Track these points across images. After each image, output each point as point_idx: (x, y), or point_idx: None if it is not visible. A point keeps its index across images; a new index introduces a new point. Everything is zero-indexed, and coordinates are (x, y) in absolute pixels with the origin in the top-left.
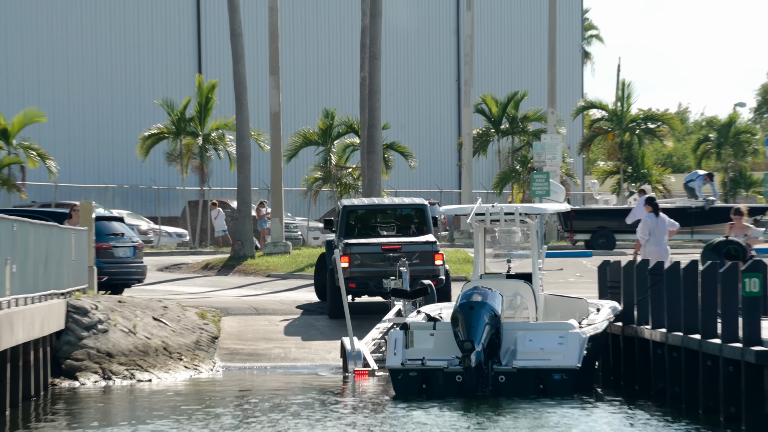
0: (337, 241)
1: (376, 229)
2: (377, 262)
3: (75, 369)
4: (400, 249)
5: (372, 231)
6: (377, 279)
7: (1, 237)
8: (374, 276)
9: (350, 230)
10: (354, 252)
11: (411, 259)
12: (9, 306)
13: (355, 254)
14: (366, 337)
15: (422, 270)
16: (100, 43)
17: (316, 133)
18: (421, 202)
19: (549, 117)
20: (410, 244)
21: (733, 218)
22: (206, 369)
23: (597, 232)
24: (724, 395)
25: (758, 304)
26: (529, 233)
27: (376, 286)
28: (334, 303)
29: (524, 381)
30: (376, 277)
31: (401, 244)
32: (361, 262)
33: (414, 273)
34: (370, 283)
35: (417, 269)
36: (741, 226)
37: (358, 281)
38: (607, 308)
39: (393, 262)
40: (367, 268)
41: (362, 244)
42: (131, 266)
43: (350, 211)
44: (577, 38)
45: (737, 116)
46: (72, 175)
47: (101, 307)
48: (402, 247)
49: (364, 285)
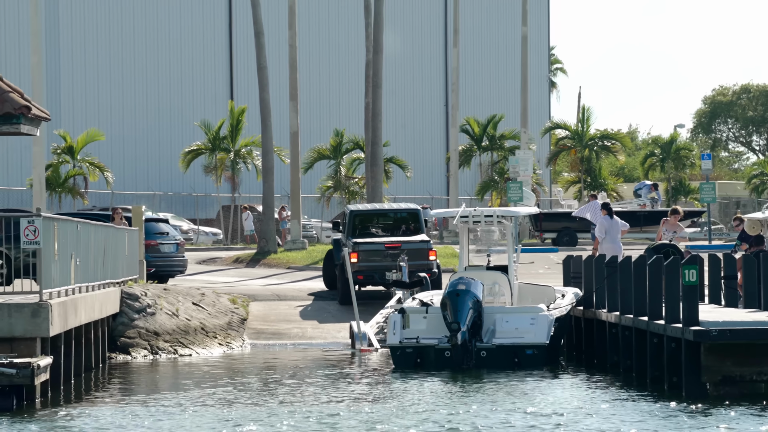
0: (345, 240)
1: (378, 230)
2: (381, 257)
3: (128, 345)
4: (400, 247)
5: (374, 231)
6: (381, 272)
7: (67, 236)
8: (379, 269)
9: (356, 230)
10: (362, 249)
11: (409, 255)
12: (74, 293)
13: (362, 251)
14: (371, 321)
15: (419, 264)
16: (150, 73)
17: (328, 149)
18: (415, 207)
19: (522, 136)
20: (409, 242)
21: (669, 217)
22: (237, 346)
23: (562, 232)
24: (668, 367)
25: (695, 292)
26: (506, 232)
27: (380, 278)
28: (345, 292)
29: (502, 356)
30: (380, 270)
31: (401, 242)
32: (368, 258)
33: (412, 267)
34: (375, 275)
35: (414, 263)
36: (673, 224)
37: (365, 273)
38: (571, 294)
39: (394, 257)
40: (372, 262)
41: (368, 242)
42: (175, 260)
43: (356, 215)
44: (545, 70)
45: (677, 135)
46: (126, 183)
47: (149, 294)
48: (402, 245)
49: (370, 277)
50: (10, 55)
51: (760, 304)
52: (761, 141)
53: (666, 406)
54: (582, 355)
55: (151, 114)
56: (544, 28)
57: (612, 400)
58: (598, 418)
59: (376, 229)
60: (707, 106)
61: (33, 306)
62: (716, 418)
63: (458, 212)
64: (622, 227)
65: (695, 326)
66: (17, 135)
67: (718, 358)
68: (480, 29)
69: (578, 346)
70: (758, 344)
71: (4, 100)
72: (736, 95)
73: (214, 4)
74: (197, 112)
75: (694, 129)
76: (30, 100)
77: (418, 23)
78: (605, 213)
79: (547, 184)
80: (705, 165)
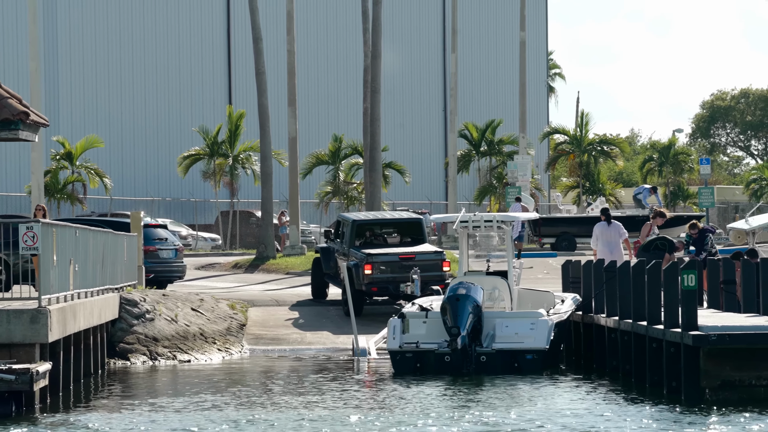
0: (347, 249)
1: (381, 239)
2: (395, 269)
3: (127, 351)
4: (414, 258)
5: (377, 241)
6: (395, 284)
7: (65, 242)
8: (392, 281)
9: (359, 240)
10: (376, 261)
11: (423, 266)
12: (72, 299)
13: (376, 263)
14: (378, 335)
15: (432, 275)
16: (148, 79)
17: (327, 154)
18: (417, 217)
19: (520, 141)
20: (423, 253)
21: (653, 219)
22: (236, 351)
23: (561, 237)
24: (667, 372)
25: (694, 297)
26: (505, 237)
27: (395, 290)
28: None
29: (502, 360)
30: (394, 282)
31: (415, 253)
32: (382, 270)
33: (425, 278)
34: (390, 287)
35: (428, 275)
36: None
37: (379, 286)
38: (570, 300)
39: (408, 269)
40: (386, 274)
41: (382, 254)
42: (173, 265)
43: (359, 224)
44: (543, 76)
45: (676, 140)
46: (124, 189)
47: (148, 300)
48: (416, 257)
49: (384, 289)
50: (8, 61)
51: (759, 308)
52: (760, 145)
53: (665, 411)
54: (581, 360)
55: (150, 119)
56: (543, 33)
57: (611, 405)
58: (598, 422)
59: (378, 239)
60: (706, 110)
61: (32, 312)
62: (715, 423)
63: (458, 217)
64: (621, 237)
65: (694, 331)
66: (16, 141)
67: (717, 363)
68: (478, 34)
69: (577, 351)
70: (757, 349)
71: (2, 106)
72: (735, 100)
73: (212, 10)
74: (196, 117)
75: (693, 134)
76: (28, 106)
77: (417, 28)
78: (603, 218)
79: (546, 189)
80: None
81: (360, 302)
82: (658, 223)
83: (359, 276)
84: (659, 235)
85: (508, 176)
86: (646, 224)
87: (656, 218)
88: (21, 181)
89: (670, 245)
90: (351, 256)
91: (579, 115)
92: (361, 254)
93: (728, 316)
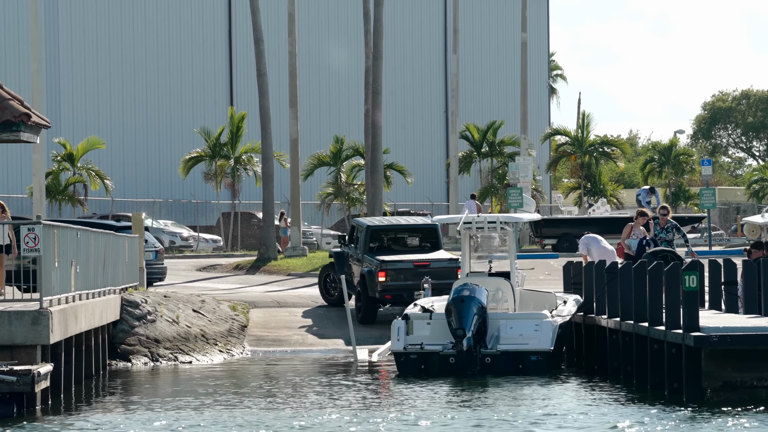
0: (361, 255)
1: (396, 246)
2: (409, 276)
3: (128, 352)
4: (429, 265)
5: (393, 247)
6: (409, 291)
7: (67, 243)
8: (406, 288)
9: (373, 246)
10: (390, 268)
11: (436, 274)
12: (74, 300)
13: (390, 270)
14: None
15: (446, 283)
16: (149, 80)
17: (328, 155)
18: (433, 223)
19: (522, 142)
20: (437, 260)
21: (637, 218)
22: (237, 352)
23: (562, 238)
24: (668, 373)
25: (696, 298)
26: (507, 238)
27: (409, 297)
28: (367, 311)
29: (506, 362)
30: (408, 290)
31: (430, 261)
32: (396, 277)
33: (439, 286)
34: (404, 295)
35: (442, 282)
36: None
37: (394, 293)
38: (572, 301)
39: (422, 276)
40: (401, 281)
41: (397, 260)
42: (154, 267)
43: (374, 229)
44: (545, 77)
45: (677, 141)
46: (126, 190)
47: (150, 301)
48: (430, 264)
49: (398, 296)
50: (9, 63)
51: (761, 309)
52: (761, 146)
53: (667, 412)
54: (583, 361)
55: (151, 121)
56: (544, 34)
57: (613, 406)
58: (600, 424)
59: (394, 245)
60: (707, 111)
61: (33, 313)
62: (717, 424)
63: (461, 218)
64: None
65: (696, 332)
66: (17, 142)
67: (719, 364)
68: (480, 35)
69: (579, 353)
70: (759, 350)
71: (4, 107)
72: (736, 101)
73: (213, 12)
74: (197, 118)
75: (694, 135)
76: (30, 108)
77: (418, 30)
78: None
79: (547, 191)
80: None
81: (374, 309)
82: (641, 223)
83: (373, 283)
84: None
85: (509, 177)
86: (628, 225)
87: (639, 218)
88: (22, 182)
89: (678, 260)
90: (365, 262)
91: (580, 116)
92: (375, 261)
93: (730, 317)
